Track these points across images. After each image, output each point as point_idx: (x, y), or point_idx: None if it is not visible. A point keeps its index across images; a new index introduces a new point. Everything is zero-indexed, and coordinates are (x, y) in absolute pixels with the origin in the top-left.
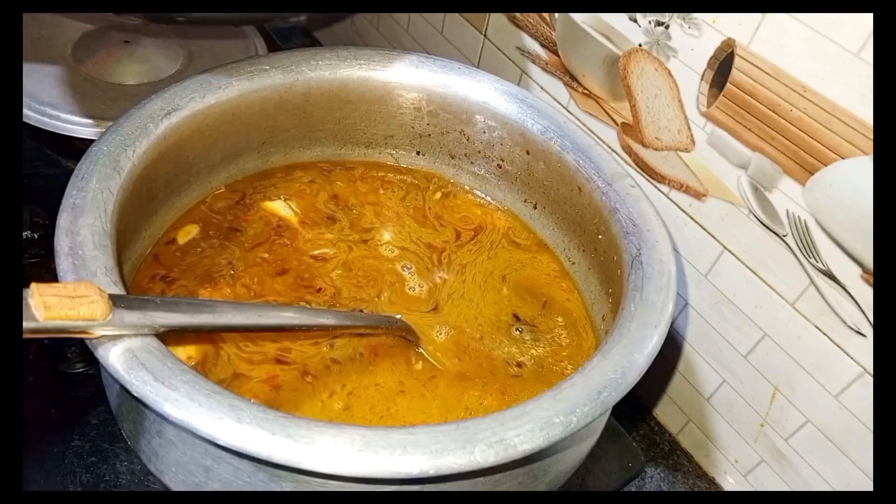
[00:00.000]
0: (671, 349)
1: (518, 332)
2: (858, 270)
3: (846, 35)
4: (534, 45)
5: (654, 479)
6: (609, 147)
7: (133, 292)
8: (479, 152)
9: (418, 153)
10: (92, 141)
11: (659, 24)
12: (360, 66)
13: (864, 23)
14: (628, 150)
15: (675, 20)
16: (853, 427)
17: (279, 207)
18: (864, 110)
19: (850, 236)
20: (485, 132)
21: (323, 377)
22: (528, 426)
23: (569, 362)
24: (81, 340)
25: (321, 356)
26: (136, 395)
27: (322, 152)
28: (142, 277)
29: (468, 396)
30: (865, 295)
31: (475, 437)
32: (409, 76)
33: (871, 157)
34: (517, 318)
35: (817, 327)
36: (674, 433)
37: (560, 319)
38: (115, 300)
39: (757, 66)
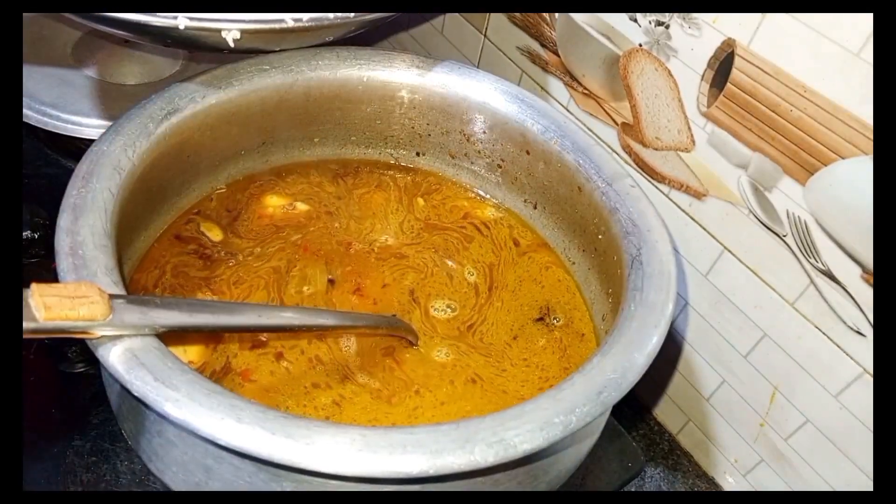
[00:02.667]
0: (671, 349)
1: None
2: (858, 270)
3: (846, 35)
4: (534, 45)
5: (654, 479)
6: (609, 147)
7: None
8: (479, 152)
9: (418, 153)
10: (92, 141)
11: (659, 23)
12: (360, 66)
13: (864, 23)
14: (628, 150)
15: (675, 20)
16: (853, 427)
17: (279, 202)
18: (864, 110)
19: (850, 236)
20: (485, 132)
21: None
22: (528, 426)
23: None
24: (82, 340)
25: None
26: (136, 394)
27: (322, 152)
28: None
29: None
30: (865, 295)
31: (475, 437)
32: (409, 76)
33: (871, 157)
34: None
35: (817, 327)
36: (674, 433)
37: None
38: (115, 300)
39: (757, 66)
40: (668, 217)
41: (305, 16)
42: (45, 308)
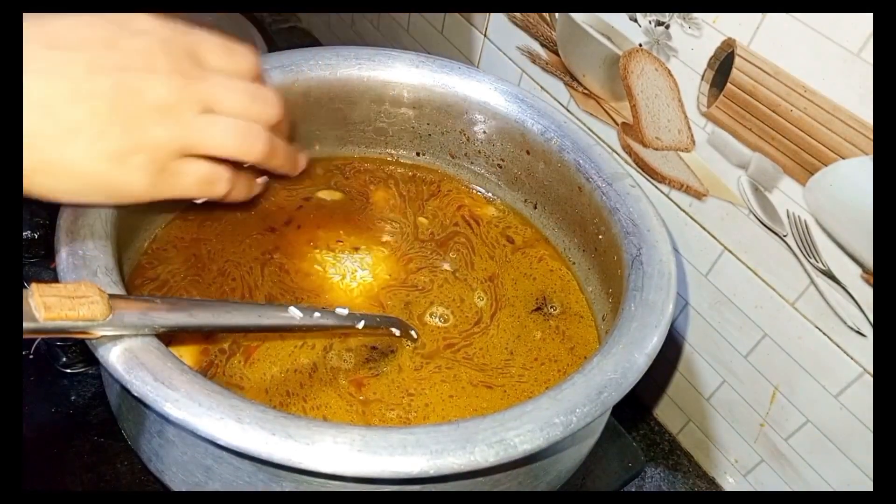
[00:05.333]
0: (671, 349)
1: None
2: (858, 270)
3: (846, 35)
4: (534, 45)
5: (654, 479)
6: (609, 147)
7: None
8: (479, 152)
9: (418, 154)
10: None
11: (659, 23)
12: (360, 66)
13: (864, 23)
14: (628, 150)
15: (675, 20)
16: (853, 427)
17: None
18: (864, 110)
19: (850, 236)
20: (485, 132)
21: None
22: (529, 426)
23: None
24: (82, 340)
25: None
26: (136, 394)
27: (322, 151)
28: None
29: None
30: (865, 295)
31: (475, 437)
32: (409, 76)
33: (871, 157)
34: (538, 308)
35: (817, 327)
36: (674, 433)
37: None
38: (114, 300)
39: (757, 66)
40: (668, 217)
41: None
42: (44, 308)
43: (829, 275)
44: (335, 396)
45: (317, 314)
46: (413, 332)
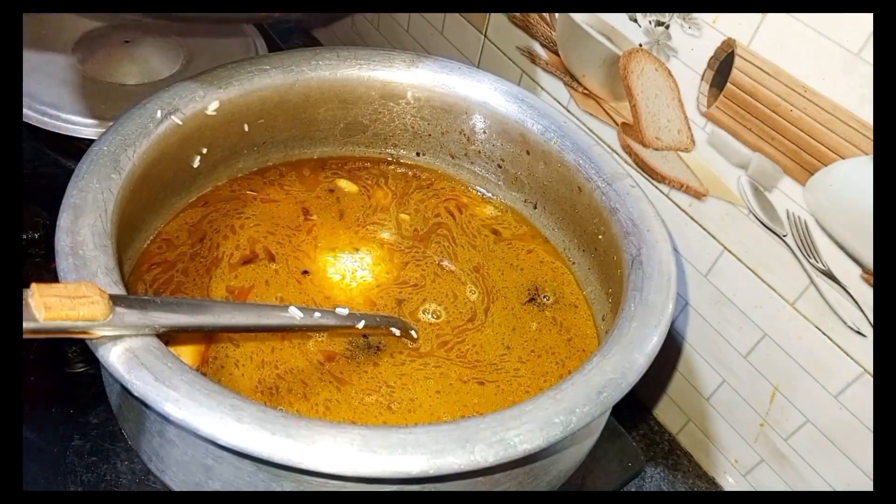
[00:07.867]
0: (671, 349)
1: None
2: (858, 270)
3: (846, 35)
4: (534, 45)
5: (654, 479)
6: (609, 147)
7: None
8: (479, 152)
9: (418, 154)
10: (92, 141)
11: (659, 24)
12: (360, 66)
13: (864, 23)
14: (628, 150)
15: (675, 20)
16: (853, 427)
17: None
18: (864, 110)
19: (850, 236)
20: (485, 132)
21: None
22: (528, 426)
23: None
24: (82, 340)
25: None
26: (136, 394)
27: (322, 152)
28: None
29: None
30: (865, 295)
31: (475, 437)
32: (409, 76)
33: (871, 157)
34: (532, 298)
35: (817, 327)
36: (674, 433)
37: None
38: (115, 300)
39: (757, 66)
40: (668, 217)
41: None
42: (45, 308)
43: (829, 275)
44: (303, 359)
45: (317, 314)
46: (413, 332)
